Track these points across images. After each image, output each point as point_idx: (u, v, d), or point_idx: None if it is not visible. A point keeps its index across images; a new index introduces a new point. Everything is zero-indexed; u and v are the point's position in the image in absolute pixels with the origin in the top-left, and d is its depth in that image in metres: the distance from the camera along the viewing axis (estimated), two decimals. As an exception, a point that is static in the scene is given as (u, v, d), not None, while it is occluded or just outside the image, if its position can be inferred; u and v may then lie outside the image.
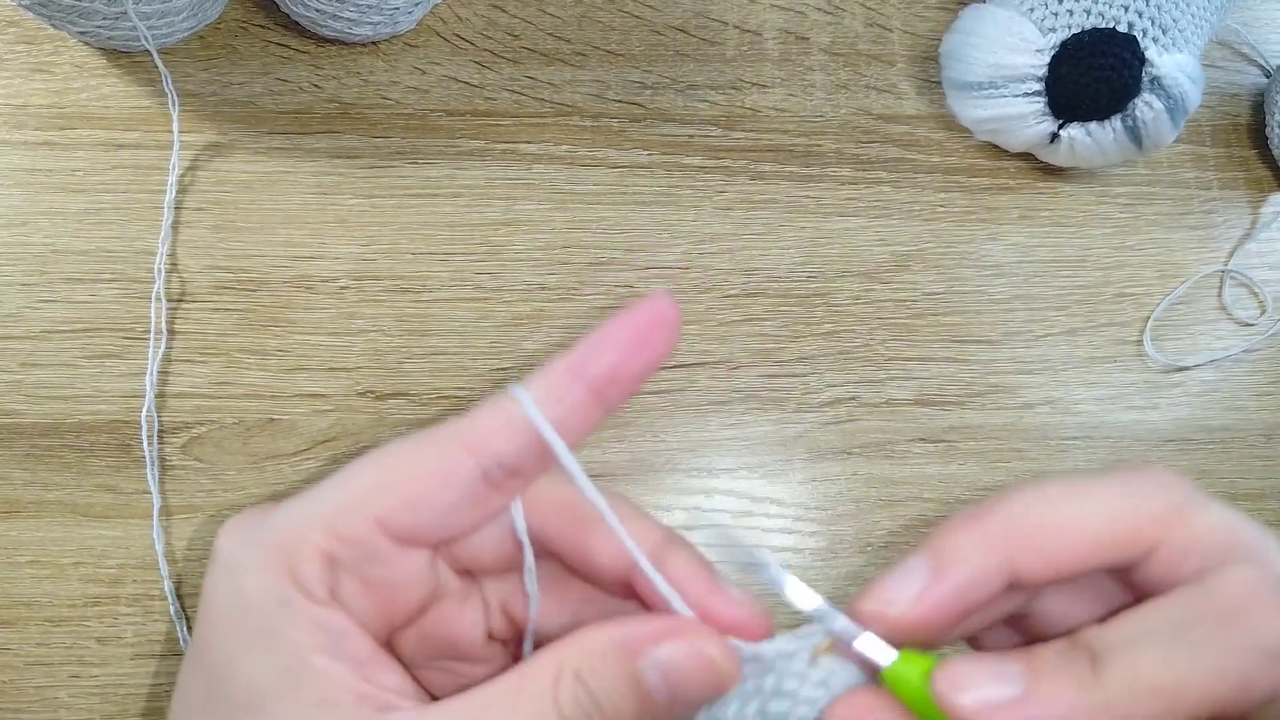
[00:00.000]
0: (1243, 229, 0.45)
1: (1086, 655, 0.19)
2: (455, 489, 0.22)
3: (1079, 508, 0.21)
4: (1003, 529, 0.21)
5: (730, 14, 0.44)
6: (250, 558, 0.21)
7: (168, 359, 0.36)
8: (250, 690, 0.20)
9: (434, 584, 0.24)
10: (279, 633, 0.21)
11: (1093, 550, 0.20)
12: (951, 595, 0.20)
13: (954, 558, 0.20)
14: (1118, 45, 0.38)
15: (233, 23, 0.40)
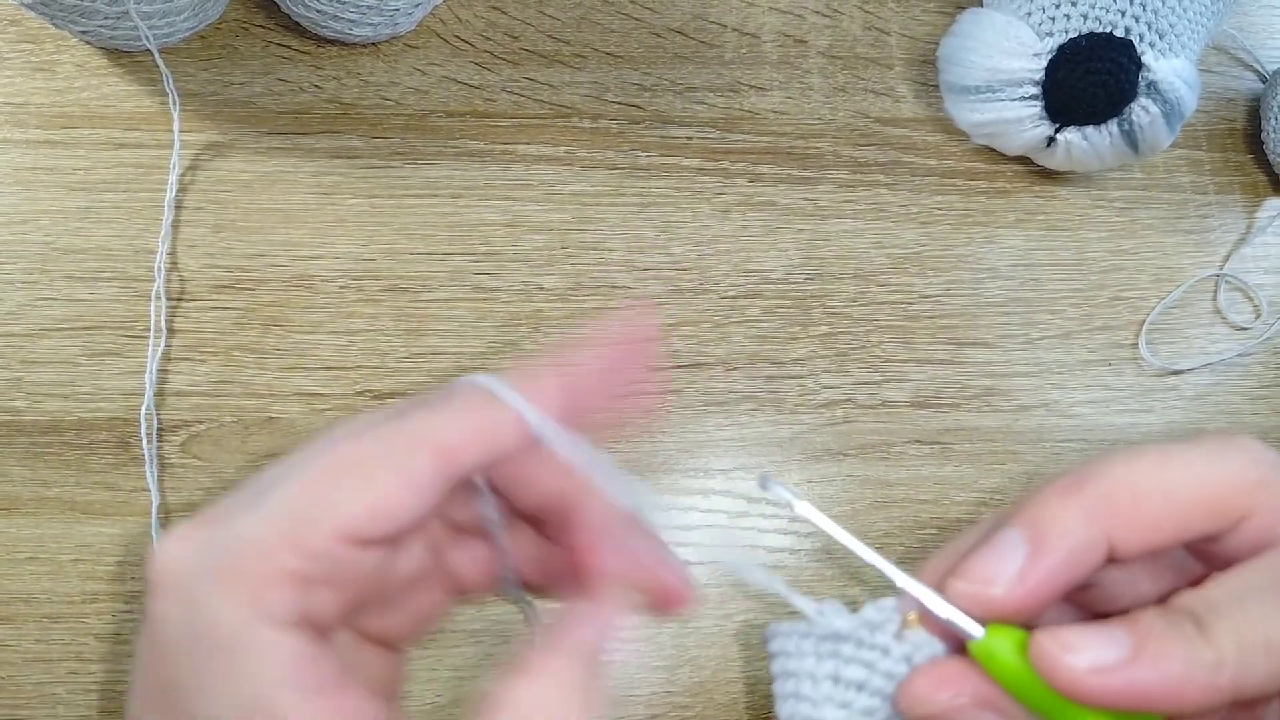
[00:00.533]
0: (1238, 233, 0.45)
1: (1189, 618, 0.19)
2: (421, 495, 0.21)
3: (1174, 475, 0.20)
4: (1101, 499, 0.20)
5: (729, 17, 0.44)
6: (207, 583, 0.20)
7: (167, 357, 0.37)
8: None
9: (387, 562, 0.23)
10: (240, 666, 0.19)
11: (1190, 518, 0.20)
12: (1055, 572, 0.20)
13: (1054, 531, 0.20)
14: (1114, 50, 0.38)
15: (233, 23, 0.41)
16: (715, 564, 0.23)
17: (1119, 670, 0.18)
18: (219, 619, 0.19)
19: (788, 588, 0.22)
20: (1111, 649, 0.19)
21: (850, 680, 0.21)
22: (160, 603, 0.20)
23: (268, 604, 0.20)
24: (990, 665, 0.20)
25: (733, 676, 0.36)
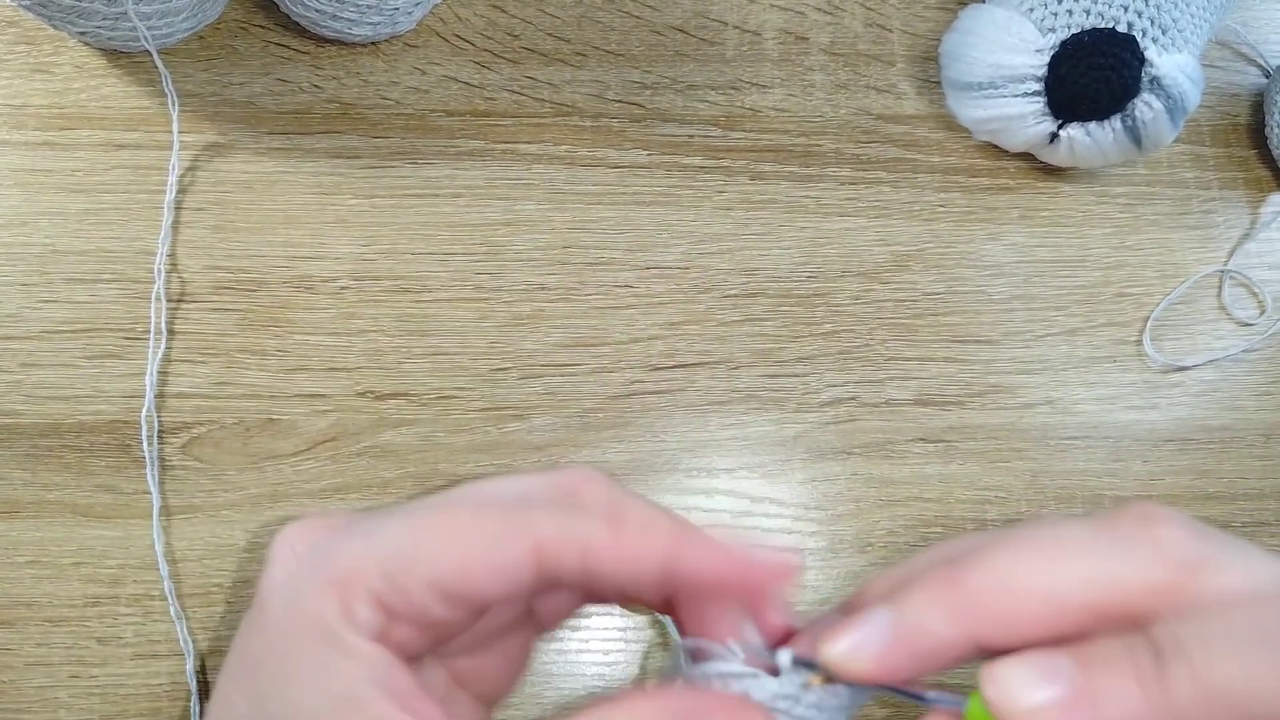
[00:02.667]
0: (1242, 229, 0.45)
1: (1151, 652, 0.18)
2: (507, 582, 0.22)
3: (1062, 574, 0.20)
4: (973, 601, 0.20)
5: (730, 14, 0.44)
6: (308, 583, 0.22)
7: (167, 359, 0.37)
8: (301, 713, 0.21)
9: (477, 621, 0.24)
10: (334, 661, 0.21)
11: (1072, 622, 0.19)
12: (912, 659, 0.20)
13: (918, 625, 0.20)
14: (1117, 45, 0.38)
15: (233, 23, 0.40)
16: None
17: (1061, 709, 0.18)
18: (320, 613, 0.21)
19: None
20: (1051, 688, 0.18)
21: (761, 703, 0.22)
22: (268, 588, 0.22)
23: (356, 614, 0.21)
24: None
25: (737, 677, 0.36)
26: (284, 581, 0.22)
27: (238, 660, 0.23)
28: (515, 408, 0.38)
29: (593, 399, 0.38)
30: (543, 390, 0.38)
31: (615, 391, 0.38)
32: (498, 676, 0.26)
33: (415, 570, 0.21)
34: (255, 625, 0.22)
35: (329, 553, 0.22)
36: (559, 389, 0.38)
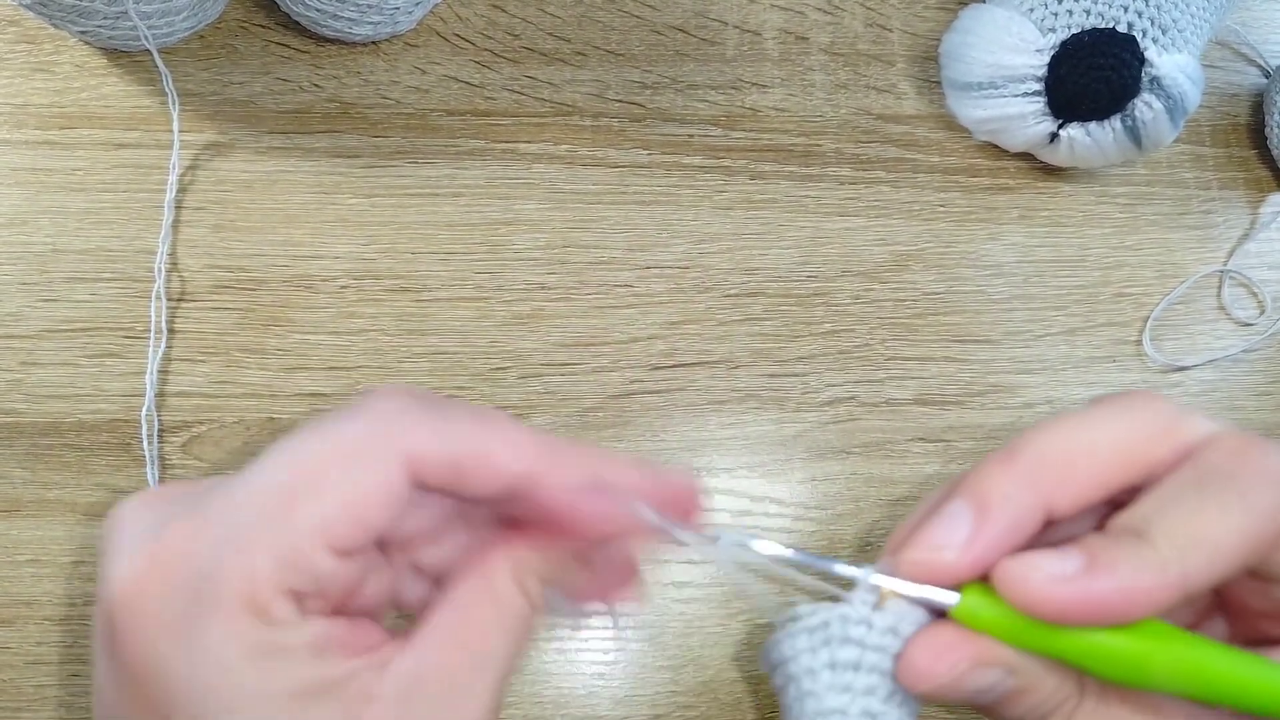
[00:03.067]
0: (1242, 229, 0.45)
1: (1129, 533, 0.20)
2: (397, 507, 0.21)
3: (1094, 437, 0.22)
4: (1035, 465, 0.21)
5: (730, 14, 0.44)
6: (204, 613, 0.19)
7: (168, 358, 0.37)
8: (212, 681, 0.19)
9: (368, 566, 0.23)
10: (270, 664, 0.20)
11: (1112, 473, 0.22)
12: (1000, 535, 0.21)
13: (997, 499, 0.21)
14: (1117, 45, 0.38)
15: (233, 22, 0.40)
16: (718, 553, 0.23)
17: (1076, 581, 0.20)
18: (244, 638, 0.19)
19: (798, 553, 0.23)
20: (1068, 563, 0.20)
21: (845, 662, 0.22)
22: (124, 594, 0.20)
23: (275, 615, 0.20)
24: (975, 622, 0.21)
25: (737, 676, 0.36)
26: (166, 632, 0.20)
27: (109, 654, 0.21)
28: (515, 407, 0.38)
29: (592, 398, 0.38)
30: (543, 390, 0.38)
31: (615, 391, 0.38)
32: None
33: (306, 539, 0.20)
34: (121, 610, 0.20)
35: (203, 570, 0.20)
36: (559, 388, 0.38)
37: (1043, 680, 0.21)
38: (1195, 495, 0.21)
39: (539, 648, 0.35)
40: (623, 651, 0.36)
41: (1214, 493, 0.21)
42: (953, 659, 0.21)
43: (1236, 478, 0.21)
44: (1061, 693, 0.21)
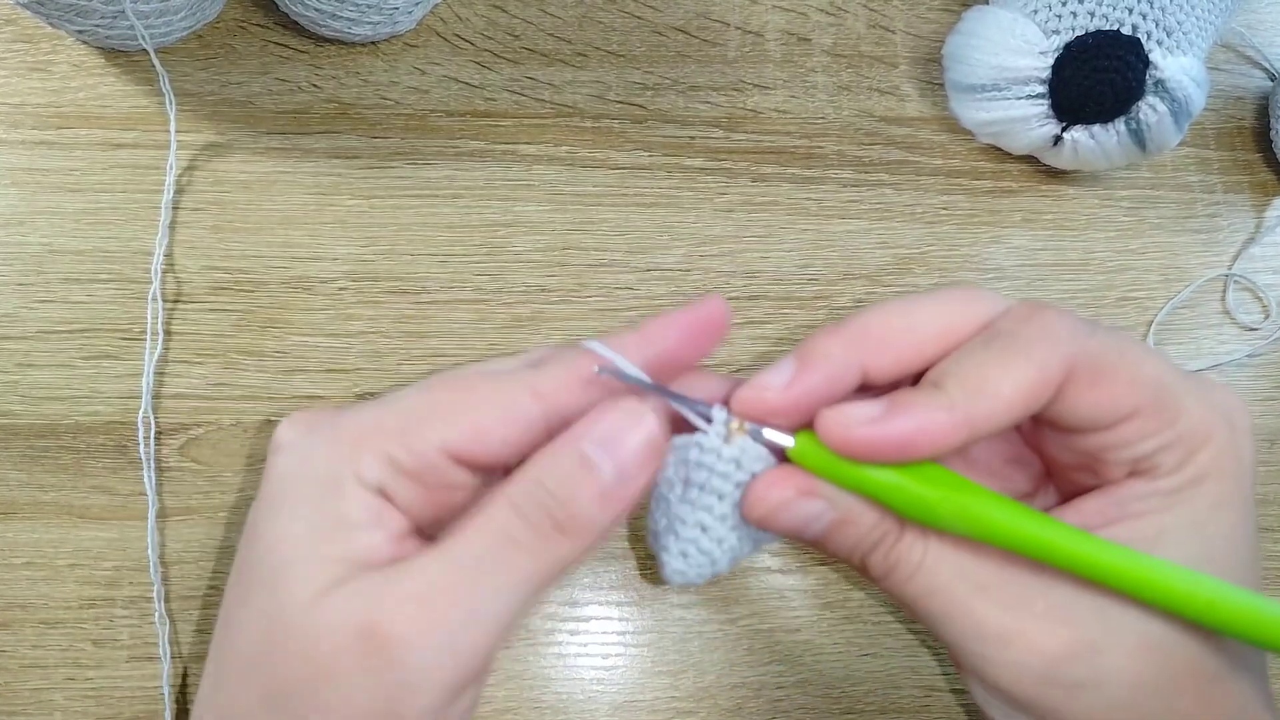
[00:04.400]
0: (1247, 233, 0.44)
1: (930, 383, 0.24)
2: (518, 429, 0.24)
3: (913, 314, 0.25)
4: (857, 334, 0.25)
5: (732, 15, 0.44)
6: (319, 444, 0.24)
7: (165, 360, 0.36)
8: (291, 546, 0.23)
9: (486, 484, 0.26)
10: (327, 500, 0.23)
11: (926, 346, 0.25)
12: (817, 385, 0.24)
13: (818, 355, 0.24)
14: (1122, 48, 0.38)
15: (231, 22, 0.40)
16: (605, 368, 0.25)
17: (877, 422, 0.23)
18: (326, 467, 0.23)
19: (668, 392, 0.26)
20: (872, 408, 0.23)
21: (694, 482, 0.25)
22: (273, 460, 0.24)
23: (362, 468, 0.23)
24: (805, 463, 0.24)
25: (737, 681, 0.36)
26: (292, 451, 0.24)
27: (246, 527, 0.24)
28: (514, 410, 0.37)
29: (592, 402, 0.38)
30: (542, 393, 0.38)
31: (615, 394, 0.38)
32: None
33: (428, 431, 0.24)
34: (260, 498, 0.24)
35: (340, 423, 0.24)
36: (558, 391, 0.38)
37: (861, 515, 0.24)
38: (983, 351, 0.24)
39: (538, 652, 0.35)
40: (622, 656, 0.36)
41: (999, 348, 0.24)
42: (781, 489, 0.24)
43: (1020, 335, 0.24)
44: (880, 528, 0.24)
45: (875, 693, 0.36)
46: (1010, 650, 0.24)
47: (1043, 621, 0.23)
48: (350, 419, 0.24)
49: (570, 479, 0.23)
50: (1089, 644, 0.23)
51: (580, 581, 0.36)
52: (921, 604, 0.25)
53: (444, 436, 0.24)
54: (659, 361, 0.25)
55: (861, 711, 0.36)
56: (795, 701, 0.36)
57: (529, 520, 0.23)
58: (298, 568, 0.22)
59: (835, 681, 0.36)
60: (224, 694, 0.24)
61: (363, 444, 0.24)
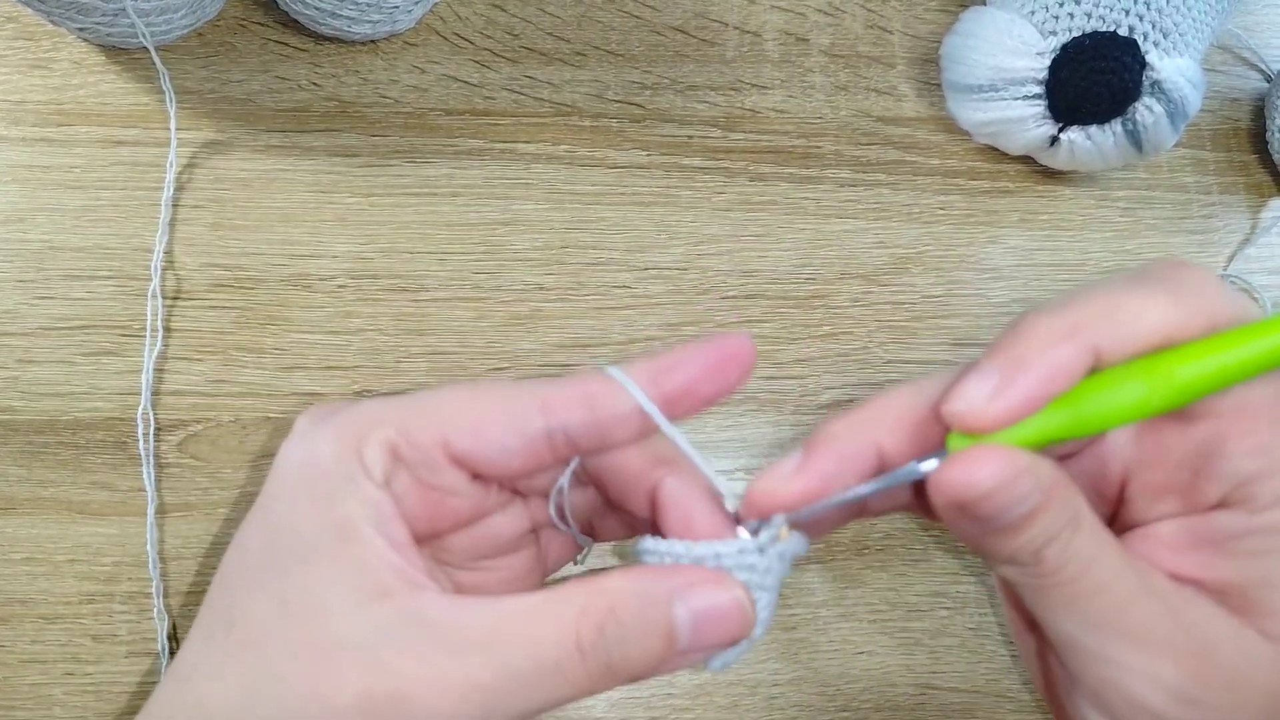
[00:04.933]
0: (1242, 234, 0.45)
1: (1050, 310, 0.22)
2: (518, 437, 0.24)
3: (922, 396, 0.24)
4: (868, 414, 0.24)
5: (730, 15, 0.44)
6: (326, 432, 0.24)
7: (164, 356, 0.36)
8: (301, 540, 0.22)
9: (482, 501, 0.26)
10: (337, 497, 0.23)
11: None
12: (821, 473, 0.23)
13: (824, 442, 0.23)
14: (1118, 49, 0.38)
15: (231, 20, 0.40)
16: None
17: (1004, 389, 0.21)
18: (330, 457, 0.23)
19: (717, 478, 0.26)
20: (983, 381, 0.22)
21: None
22: (286, 445, 0.24)
23: (365, 455, 0.23)
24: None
25: (732, 679, 0.36)
26: (302, 438, 0.24)
27: (256, 509, 0.24)
28: (512, 408, 0.38)
29: (590, 400, 0.38)
30: (540, 390, 0.38)
31: (613, 392, 0.38)
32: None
33: (429, 423, 0.23)
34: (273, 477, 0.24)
35: (346, 411, 0.24)
36: (556, 389, 0.38)
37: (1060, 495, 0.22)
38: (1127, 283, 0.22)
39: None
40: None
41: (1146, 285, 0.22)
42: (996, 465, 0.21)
43: (1169, 279, 0.22)
44: (1069, 512, 0.22)
45: (871, 690, 0.37)
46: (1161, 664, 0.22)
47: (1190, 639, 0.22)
48: (358, 408, 0.24)
49: (647, 636, 0.22)
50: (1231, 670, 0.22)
51: (577, 578, 0.36)
52: (1082, 604, 0.22)
53: (444, 430, 0.23)
54: (675, 395, 0.24)
55: (857, 709, 0.36)
56: (791, 699, 0.36)
57: (586, 656, 0.21)
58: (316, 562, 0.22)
59: (831, 679, 0.36)
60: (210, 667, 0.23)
61: (367, 432, 0.23)
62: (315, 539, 0.22)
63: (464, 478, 0.25)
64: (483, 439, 0.23)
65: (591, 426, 0.24)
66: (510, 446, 0.24)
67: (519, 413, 0.24)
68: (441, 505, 0.25)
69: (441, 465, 0.24)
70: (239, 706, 0.21)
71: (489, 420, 0.24)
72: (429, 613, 0.22)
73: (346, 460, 0.23)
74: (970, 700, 0.37)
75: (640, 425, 0.24)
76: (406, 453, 0.23)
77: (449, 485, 0.24)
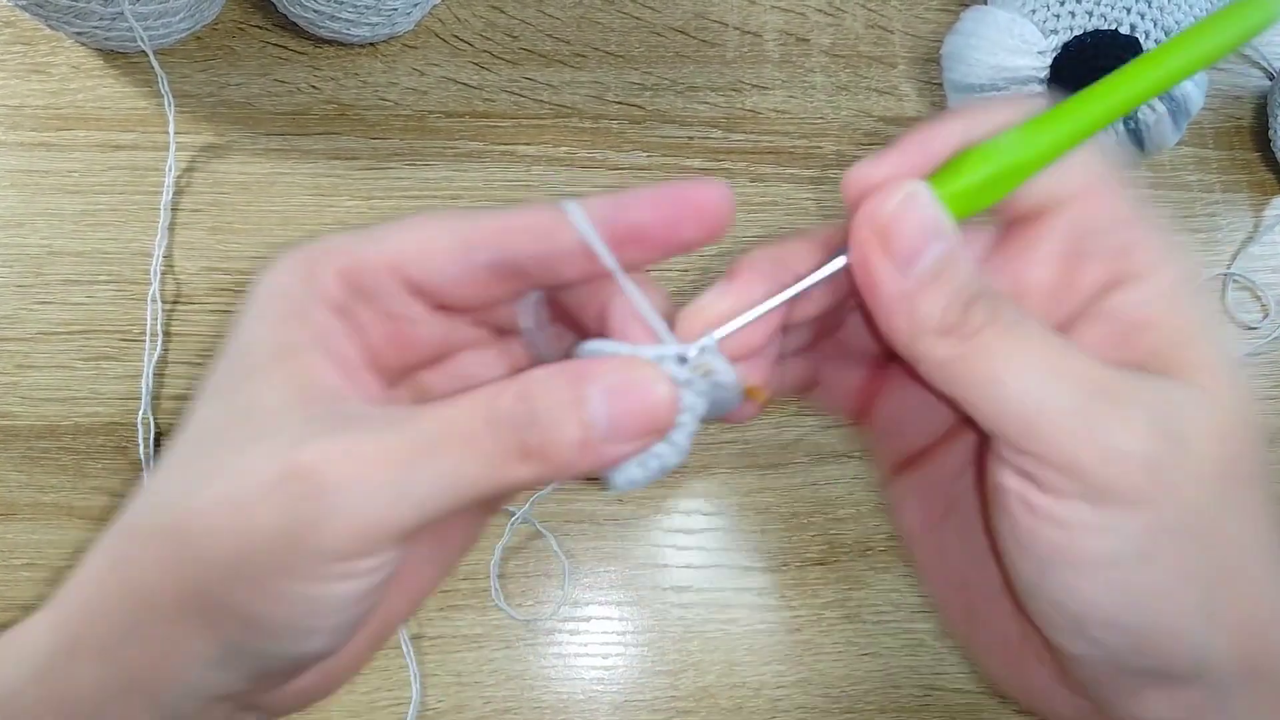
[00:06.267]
0: (1245, 232, 0.44)
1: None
2: (464, 265, 0.24)
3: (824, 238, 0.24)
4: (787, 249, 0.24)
5: (730, 16, 0.44)
6: (288, 262, 0.24)
7: (164, 361, 0.36)
8: (250, 358, 0.23)
9: (449, 333, 0.26)
10: (288, 320, 0.23)
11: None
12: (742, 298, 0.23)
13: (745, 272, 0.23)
14: (1119, 47, 0.38)
15: (230, 24, 0.40)
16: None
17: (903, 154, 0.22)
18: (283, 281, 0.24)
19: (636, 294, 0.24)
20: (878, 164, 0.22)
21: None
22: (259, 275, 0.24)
23: (317, 281, 0.23)
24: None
25: (736, 681, 0.36)
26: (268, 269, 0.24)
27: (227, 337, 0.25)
28: (513, 411, 0.37)
29: (591, 402, 0.38)
30: (541, 393, 0.38)
31: (614, 394, 0.38)
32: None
33: (382, 251, 0.24)
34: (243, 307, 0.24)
35: (312, 242, 0.24)
36: (558, 392, 0.38)
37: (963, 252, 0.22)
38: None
39: (538, 652, 0.35)
40: (622, 656, 0.36)
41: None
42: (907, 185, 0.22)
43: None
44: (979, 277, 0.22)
45: (875, 692, 0.36)
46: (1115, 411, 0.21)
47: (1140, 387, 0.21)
48: (321, 240, 0.25)
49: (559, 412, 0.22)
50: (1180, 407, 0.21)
51: (580, 581, 0.36)
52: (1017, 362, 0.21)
53: (396, 257, 0.24)
54: (626, 234, 0.24)
55: (861, 710, 0.36)
56: (795, 701, 0.36)
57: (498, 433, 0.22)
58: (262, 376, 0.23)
59: (835, 681, 0.36)
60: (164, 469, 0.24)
61: (322, 259, 0.24)
62: (265, 356, 0.23)
63: (424, 307, 0.25)
64: (431, 266, 0.24)
65: (539, 259, 0.24)
66: (454, 274, 0.24)
67: (467, 241, 0.24)
68: (407, 336, 0.25)
69: (396, 292, 0.24)
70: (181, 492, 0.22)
71: (437, 247, 0.24)
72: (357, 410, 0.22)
73: (300, 286, 0.24)
74: (975, 701, 0.37)
75: (591, 262, 0.24)
76: (361, 279, 0.24)
77: (409, 314, 0.25)
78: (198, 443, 0.23)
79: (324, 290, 0.24)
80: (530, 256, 0.24)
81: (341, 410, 0.22)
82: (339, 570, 0.22)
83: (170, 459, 0.24)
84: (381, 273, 0.24)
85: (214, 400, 0.23)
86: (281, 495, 0.21)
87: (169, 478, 0.23)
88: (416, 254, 0.24)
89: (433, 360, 0.27)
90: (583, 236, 0.23)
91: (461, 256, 0.24)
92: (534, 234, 0.24)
